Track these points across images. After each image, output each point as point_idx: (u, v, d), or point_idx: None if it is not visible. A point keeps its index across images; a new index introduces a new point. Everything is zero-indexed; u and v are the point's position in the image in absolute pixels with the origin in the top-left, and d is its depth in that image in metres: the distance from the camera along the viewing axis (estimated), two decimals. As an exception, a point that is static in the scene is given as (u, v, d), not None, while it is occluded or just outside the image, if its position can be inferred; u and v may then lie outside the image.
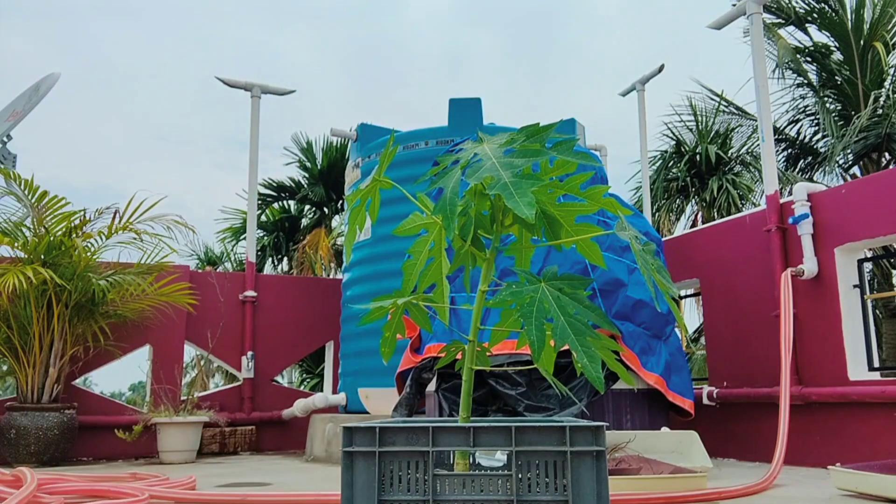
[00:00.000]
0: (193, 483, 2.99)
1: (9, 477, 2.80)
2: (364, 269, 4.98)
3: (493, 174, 1.19)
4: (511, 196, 1.15)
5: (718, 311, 4.44)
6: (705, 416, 4.14)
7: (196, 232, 5.47)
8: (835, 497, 2.56)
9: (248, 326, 5.77)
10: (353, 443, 1.16)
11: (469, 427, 1.15)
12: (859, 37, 8.76)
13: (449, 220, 1.22)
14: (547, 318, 1.17)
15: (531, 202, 1.13)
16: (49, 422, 4.48)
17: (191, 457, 4.78)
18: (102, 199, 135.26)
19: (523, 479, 1.14)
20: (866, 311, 3.73)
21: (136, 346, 5.37)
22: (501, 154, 1.24)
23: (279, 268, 12.41)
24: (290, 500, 2.59)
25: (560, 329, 1.15)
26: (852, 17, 8.82)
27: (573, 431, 1.13)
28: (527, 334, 1.14)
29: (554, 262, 3.37)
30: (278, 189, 11.80)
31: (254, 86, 6.11)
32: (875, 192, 3.64)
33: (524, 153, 1.22)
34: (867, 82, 8.71)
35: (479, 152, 1.26)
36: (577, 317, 1.16)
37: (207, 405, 5.31)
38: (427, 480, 1.14)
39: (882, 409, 3.41)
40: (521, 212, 1.12)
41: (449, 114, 4.89)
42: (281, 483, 3.29)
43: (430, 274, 1.43)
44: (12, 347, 4.65)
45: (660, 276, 1.29)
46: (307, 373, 12.43)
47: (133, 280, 4.99)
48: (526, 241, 1.42)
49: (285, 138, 61.39)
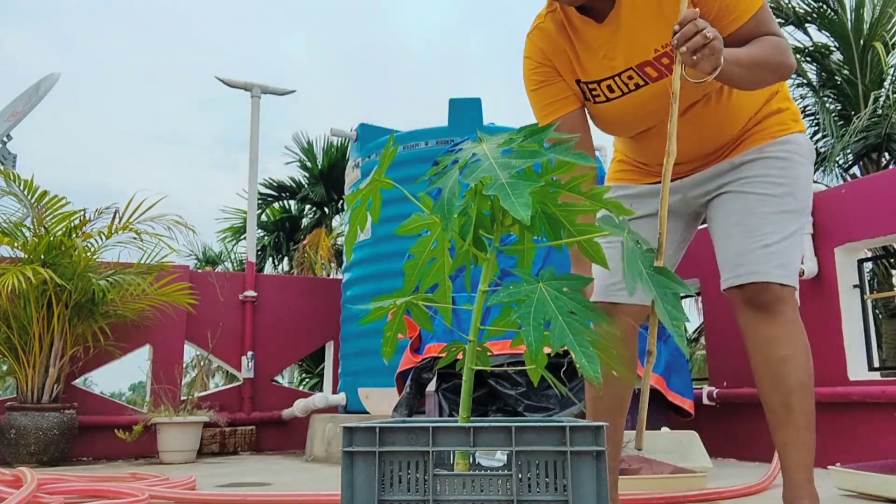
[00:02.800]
0: (193, 483, 2.99)
1: (9, 477, 2.80)
2: (364, 269, 4.98)
3: (490, 174, 1.19)
4: (507, 197, 1.14)
5: (718, 311, 4.45)
6: (705, 416, 4.14)
7: (196, 232, 5.48)
8: (835, 497, 2.56)
9: (248, 326, 5.77)
10: (353, 443, 1.16)
11: (469, 427, 1.15)
12: (859, 37, 8.76)
13: (446, 220, 1.21)
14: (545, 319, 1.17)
15: (527, 203, 1.12)
16: (49, 422, 4.48)
17: (191, 457, 4.78)
18: (101, 198, 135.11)
19: (523, 479, 1.14)
20: (866, 311, 3.73)
21: (136, 346, 5.37)
22: (500, 154, 1.24)
23: (279, 268, 12.42)
24: (290, 500, 2.60)
25: (558, 329, 1.14)
26: (852, 17, 8.82)
27: (573, 431, 1.14)
28: (524, 335, 1.14)
29: (554, 262, 3.37)
30: (278, 189, 11.81)
31: (254, 86, 6.12)
32: (875, 192, 3.64)
33: (522, 153, 1.22)
34: (867, 82, 8.72)
35: (478, 152, 1.26)
36: (575, 317, 1.16)
37: (207, 405, 5.31)
38: (427, 480, 1.14)
39: (882, 409, 3.41)
40: (516, 213, 1.11)
41: (449, 114, 4.88)
42: (281, 483, 3.29)
43: (433, 274, 1.43)
44: (12, 347, 4.65)
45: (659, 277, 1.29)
46: (307, 373, 12.43)
47: (133, 280, 4.99)
48: (527, 241, 1.42)
49: (285, 138, 61.34)
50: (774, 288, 1.70)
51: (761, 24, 1.65)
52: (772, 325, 1.71)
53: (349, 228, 1.52)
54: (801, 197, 1.78)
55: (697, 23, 1.45)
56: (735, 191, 1.79)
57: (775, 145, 1.78)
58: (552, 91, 1.82)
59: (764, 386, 1.73)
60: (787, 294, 1.71)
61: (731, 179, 1.80)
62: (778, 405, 1.70)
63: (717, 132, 1.79)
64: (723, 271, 1.80)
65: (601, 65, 1.76)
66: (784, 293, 1.71)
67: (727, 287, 1.78)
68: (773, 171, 1.76)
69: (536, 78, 1.83)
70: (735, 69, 1.54)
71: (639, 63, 1.71)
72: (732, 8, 1.62)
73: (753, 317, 1.73)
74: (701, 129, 1.77)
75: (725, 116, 1.77)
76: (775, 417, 1.71)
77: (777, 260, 1.70)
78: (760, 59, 1.60)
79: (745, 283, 1.72)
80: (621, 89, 1.76)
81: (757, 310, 1.72)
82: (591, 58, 1.77)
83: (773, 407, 1.71)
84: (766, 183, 1.75)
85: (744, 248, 1.73)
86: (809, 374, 1.71)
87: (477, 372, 1.32)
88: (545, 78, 1.82)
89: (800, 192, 1.77)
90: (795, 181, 1.77)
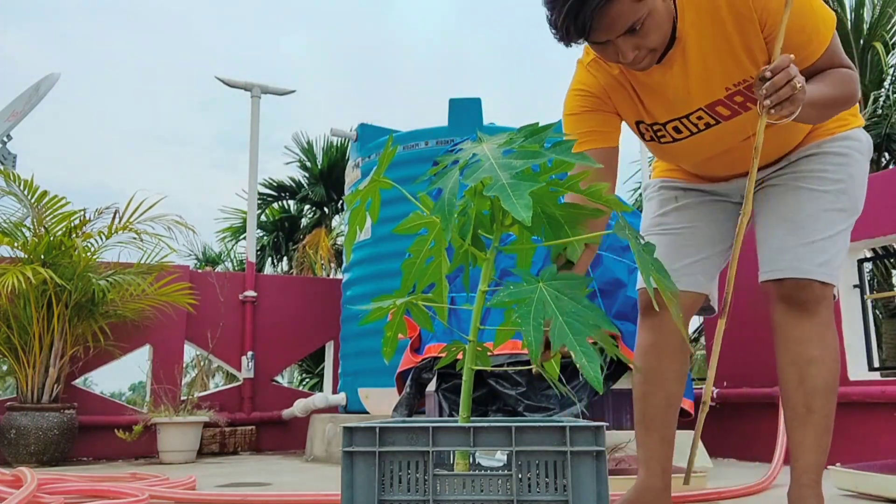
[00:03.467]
0: (193, 483, 2.99)
1: (9, 477, 2.80)
2: (364, 269, 4.98)
3: (491, 175, 1.19)
4: (508, 198, 1.14)
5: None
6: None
7: (196, 232, 5.48)
8: (835, 497, 2.56)
9: (248, 326, 5.77)
10: (353, 443, 1.16)
11: (469, 427, 1.15)
12: (859, 37, 8.76)
13: (447, 220, 1.21)
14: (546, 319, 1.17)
15: (528, 204, 1.12)
16: (49, 422, 4.48)
17: (191, 457, 4.78)
18: (100, 198, 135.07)
19: (523, 479, 1.14)
20: (866, 311, 3.72)
21: (136, 346, 5.37)
22: (500, 154, 1.24)
23: (279, 268, 12.42)
24: (291, 500, 2.59)
25: (558, 329, 1.14)
26: (852, 16, 8.82)
27: (573, 431, 1.14)
28: (524, 335, 1.14)
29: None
30: (278, 189, 11.81)
31: (254, 86, 6.12)
32: (875, 192, 3.63)
33: (522, 154, 1.22)
34: (867, 82, 8.72)
35: (478, 153, 1.26)
36: (575, 317, 1.16)
37: (207, 405, 5.30)
38: (427, 480, 1.14)
39: (882, 409, 3.41)
40: (517, 214, 1.11)
41: (449, 114, 4.88)
42: (281, 483, 3.29)
43: (430, 273, 1.43)
44: (12, 347, 4.65)
45: (659, 275, 1.29)
46: (307, 373, 12.43)
47: (133, 280, 4.98)
48: (526, 240, 1.42)
49: (284, 138, 61.32)
50: (815, 286, 1.67)
51: (833, 57, 1.59)
52: (805, 325, 1.68)
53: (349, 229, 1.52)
54: (856, 196, 1.74)
55: (790, 71, 1.39)
56: (787, 184, 1.75)
57: (835, 141, 1.73)
58: (597, 120, 1.72)
59: (788, 384, 1.70)
60: (826, 293, 1.68)
61: (787, 172, 1.77)
62: (800, 405, 1.68)
63: (783, 147, 1.75)
64: (762, 263, 1.76)
65: (667, 107, 1.68)
66: (824, 292, 1.68)
67: (764, 280, 1.74)
68: (830, 166, 1.72)
69: (582, 104, 1.73)
70: (810, 111, 1.50)
71: (709, 103, 1.65)
72: (805, 44, 1.55)
73: (787, 314, 1.70)
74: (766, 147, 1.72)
75: (792, 132, 1.73)
76: (795, 416, 1.69)
77: (821, 257, 1.67)
78: (831, 97, 1.56)
79: (784, 277, 1.69)
80: (690, 129, 1.69)
81: (792, 307, 1.69)
82: (655, 99, 1.69)
83: (793, 405, 1.69)
84: (821, 179, 1.72)
85: (788, 243, 1.70)
86: (835, 377, 1.69)
87: (477, 372, 1.32)
88: (593, 107, 1.72)
89: (855, 191, 1.73)
90: (852, 178, 1.73)
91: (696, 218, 1.88)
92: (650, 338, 1.88)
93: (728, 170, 1.83)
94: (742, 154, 1.73)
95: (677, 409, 1.90)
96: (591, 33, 1.48)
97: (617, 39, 1.49)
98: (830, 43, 1.57)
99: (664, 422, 1.86)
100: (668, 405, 1.86)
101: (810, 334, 1.67)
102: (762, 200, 1.81)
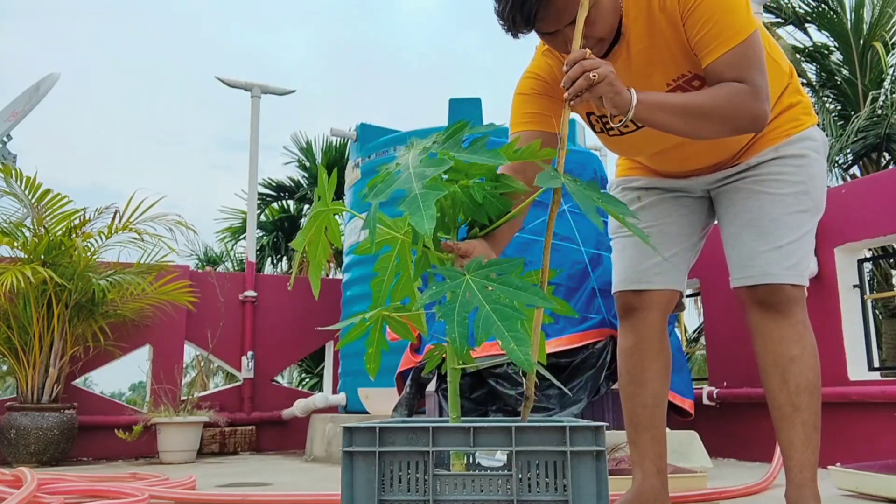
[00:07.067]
0: (193, 483, 2.99)
1: (9, 477, 2.80)
2: (364, 269, 4.98)
3: (406, 186, 1.17)
4: (417, 210, 1.12)
5: (718, 311, 4.44)
6: (705, 416, 4.14)
7: (196, 232, 5.48)
8: (835, 497, 2.56)
9: (248, 326, 5.77)
10: (353, 443, 1.16)
11: (469, 427, 1.15)
12: (859, 37, 8.76)
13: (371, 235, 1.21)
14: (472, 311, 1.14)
15: (433, 216, 1.11)
16: (49, 422, 4.48)
17: (191, 457, 4.78)
18: (99, 198, 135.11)
19: (523, 479, 1.14)
20: (866, 311, 3.73)
21: (136, 345, 5.37)
22: (418, 162, 1.23)
23: (279, 268, 12.41)
24: (290, 500, 2.59)
25: (484, 319, 1.12)
26: (852, 16, 8.82)
27: (573, 431, 1.14)
28: (448, 333, 1.11)
29: (553, 262, 3.36)
30: (278, 189, 11.80)
31: (254, 86, 6.11)
32: (875, 192, 3.64)
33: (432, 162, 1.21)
34: (866, 82, 8.72)
35: (402, 162, 1.25)
36: (506, 303, 1.13)
37: (207, 405, 5.30)
38: (427, 480, 1.14)
39: (882, 409, 3.41)
40: (421, 228, 1.09)
41: (448, 114, 4.88)
42: (281, 483, 3.29)
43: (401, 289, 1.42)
44: (12, 347, 4.64)
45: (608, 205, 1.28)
46: (307, 373, 12.42)
47: (133, 280, 4.98)
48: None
49: (284, 138, 61.29)
50: (786, 288, 1.70)
51: (732, 68, 1.50)
52: (782, 326, 1.71)
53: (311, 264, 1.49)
54: (818, 195, 1.77)
55: (584, 64, 1.38)
56: (749, 188, 1.77)
57: (791, 144, 1.75)
58: (542, 104, 1.75)
59: (772, 385, 1.73)
60: (798, 294, 1.72)
61: (748, 176, 1.78)
62: (785, 404, 1.70)
63: (732, 142, 1.75)
64: (732, 269, 1.79)
65: None
66: (795, 293, 1.71)
67: (736, 286, 1.78)
68: (789, 168, 1.74)
69: (533, 86, 1.76)
70: (658, 115, 1.47)
71: None
72: (707, 42, 1.51)
73: (763, 316, 1.73)
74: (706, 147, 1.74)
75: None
76: (782, 416, 1.72)
77: (789, 261, 1.70)
78: (701, 107, 1.48)
79: (757, 284, 1.72)
80: (635, 124, 1.69)
81: (768, 310, 1.72)
82: None
83: (779, 406, 1.72)
84: (781, 182, 1.73)
85: (756, 249, 1.72)
86: (817, 374, 1.72)
87: (477, 372, 1.32)
88: (542, 91, 1.75)
89: (816, 191, 1.76)
90: (812, 179, 1.75)
91: (661, 215, 1.90)
92: (631, 339, 1.91)
93: (681, 166, 1.85)
94: (694, 150, 1.75)
95: (664, 408, 1.92)
96: (537, 23, 1.51)
97: (565, 29, 1.52)
98: (736, 50, 1.49)
99: (653, 420, 1.89)
100: (655, 404, 1.89)
101: (789, 334, 1.70)
102: (725, 203, 1.83)
